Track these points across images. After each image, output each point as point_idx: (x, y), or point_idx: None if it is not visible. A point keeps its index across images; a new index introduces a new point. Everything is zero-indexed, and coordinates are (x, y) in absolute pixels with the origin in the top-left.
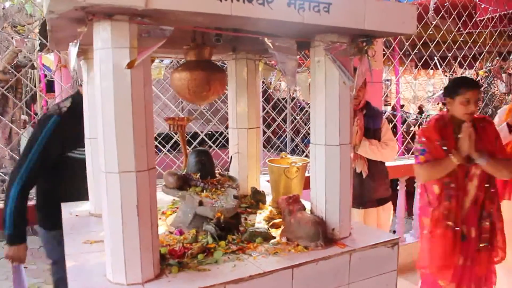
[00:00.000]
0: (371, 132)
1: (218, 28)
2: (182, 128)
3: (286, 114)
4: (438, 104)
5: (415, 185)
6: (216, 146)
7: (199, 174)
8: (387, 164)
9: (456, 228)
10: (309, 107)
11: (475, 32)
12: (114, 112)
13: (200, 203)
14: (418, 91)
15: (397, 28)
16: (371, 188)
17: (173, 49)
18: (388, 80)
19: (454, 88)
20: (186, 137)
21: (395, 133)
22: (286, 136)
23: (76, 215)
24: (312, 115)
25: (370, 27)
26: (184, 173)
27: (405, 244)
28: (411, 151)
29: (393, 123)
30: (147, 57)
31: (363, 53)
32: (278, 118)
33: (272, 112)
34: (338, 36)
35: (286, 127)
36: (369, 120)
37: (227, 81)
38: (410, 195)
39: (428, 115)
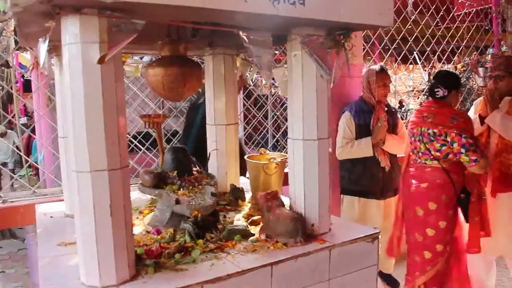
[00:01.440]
0: (391, 127)
1: (194, 22)
2: (158, 125)
3: (267, 110)
4: (417, 98)
5: None
6: None
7: (175, 171)
8: None
9: None
10: None
11: (453, 26)
12: (84, 108)
13: (177, 202)
14: (398, 85)
15: (374, 20)
16: (391, 179)
17: (150, 45)
18: None
19: (457, 81)
20: (166, 135)
21: None
22: (267, 132)
23: (51, 216)
24: (289, 109)
25: (346, 19)
26: (160, 171)
27: None
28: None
29: None
30: (118, 52)
31: (340, 46)
32: (259, 114)
33: (252, 108)
34: (314, 29)
35: (267, 123)
36: (388, 116)
37: (203, 77)
38: None
39: (408, 110)
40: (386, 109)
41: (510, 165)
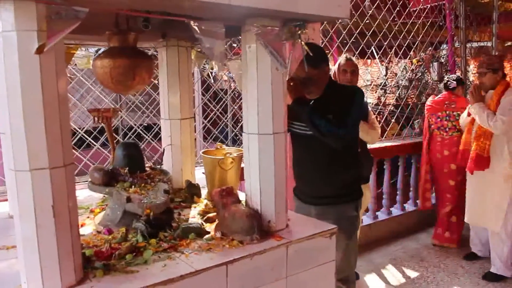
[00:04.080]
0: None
1: (144, 11)
2: (108, 119)
3: (226, 105)
4: (375, 92)
5: None
6: (154, 139)
7: (127, 168)
8: None
9: None
10: None
11: (409, 22)
12: (22, 103)
13: (128, 200)
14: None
15: (330, 12)
16: (364, 166)
17: (100, 35)
18: None
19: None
20: (123, 130)
21: None
22: (226, 126)
23: None
24: (244, 103)
25: (302, 10)
26: (111, 168)
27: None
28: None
29: None
30: (60, 42)
31: (296, 38)
32: (216, 109)
33: (210, 102)
34: (269, 20)
35: (226, 117)
36: None
37: (154, 69)
38: None
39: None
40: None
41: (485, 148)
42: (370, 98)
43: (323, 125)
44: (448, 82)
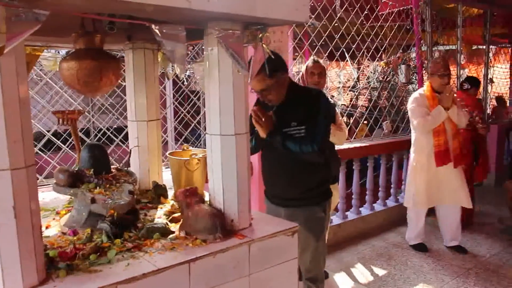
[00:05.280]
0: None
1: (108, 15)
2: (73, 121)
3: (199, 106)
4: (347, 94)
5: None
6: (125, 141)
7: (92, 169)
8: None
9: None
10: None
11: (377, 25)
12: None
13: (93, 200)
14: (328, 82)
15: (290, 16)
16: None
17: (66, 37)
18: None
19: (477, 81)
20: (94, 132)
21: None
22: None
23: None
24: (206, 105)
25: (262, 14)
26: (76, 169)
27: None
28: None
29: None
30: (20, 44)
31: (257, 41)
32: (187, 110)
33: (181, 105)
34: (231, 24)
35: (198, 119)
36: None
37: (121, 70)
38: None
39: (338, 105)
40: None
41: (463, 144)
42: (340, 100)
43: (299, 148)
44: (463, 84)
